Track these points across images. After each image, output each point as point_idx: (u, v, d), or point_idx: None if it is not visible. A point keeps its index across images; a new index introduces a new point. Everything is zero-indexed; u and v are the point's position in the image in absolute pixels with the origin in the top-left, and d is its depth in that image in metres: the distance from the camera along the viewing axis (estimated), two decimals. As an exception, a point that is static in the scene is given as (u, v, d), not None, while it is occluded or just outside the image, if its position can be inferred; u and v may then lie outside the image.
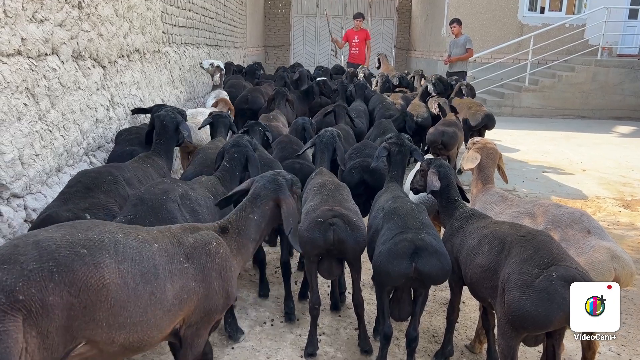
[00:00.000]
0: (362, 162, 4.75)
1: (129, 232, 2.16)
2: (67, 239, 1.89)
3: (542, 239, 2.85)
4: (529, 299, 2.61)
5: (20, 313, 1.67)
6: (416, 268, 3.04)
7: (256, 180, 2.88)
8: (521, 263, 2.74)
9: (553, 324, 2.61)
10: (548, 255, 2.71)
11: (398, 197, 3.66)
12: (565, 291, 2.56)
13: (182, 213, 3.11)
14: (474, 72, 15.46)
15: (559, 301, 2.56)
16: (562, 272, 2.60)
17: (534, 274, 2.65)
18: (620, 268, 2.93)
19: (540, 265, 2.67)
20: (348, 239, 3.35)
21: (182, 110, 4.24)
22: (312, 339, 3.66)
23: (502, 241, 2.96)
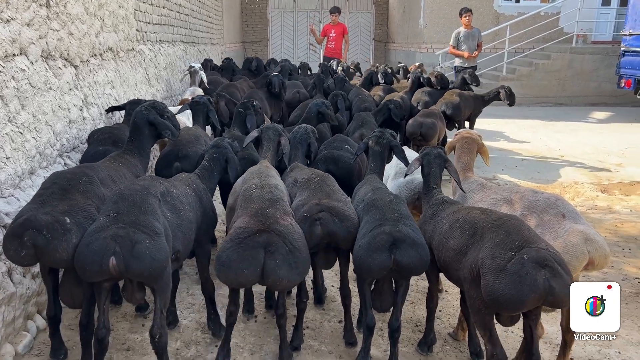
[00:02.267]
0: (327, 153, 4.76)
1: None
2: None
3: (513, 223, 2.90)
4: (502, 283, 2.66)
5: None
6: (395, 260, 3.05)
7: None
8: (494, 247, 2.80)
9: (526, 305, 2.66)
10: (519, 238, 2.75)
11: (377, 188, 3.65)
12: (536, 273, 2.61)
13: (162, 209, 3.06)
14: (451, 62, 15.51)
15: (530, 283, 2.60)
16: (533, 255, 2.66)
17: (507, 258, 2.70)
18: (594, 250, 2.96)
19: (512, 249, 2.72)
20: (338, 230, 3.33)
21: (160, 105, 4.09)
22: (298, 333, 3.65)
23: (474, 226, 3.02)
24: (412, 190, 4.20)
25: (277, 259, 2.94)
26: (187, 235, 3.27)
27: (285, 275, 2.95)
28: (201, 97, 5.52)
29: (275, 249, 2.96)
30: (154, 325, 2.92)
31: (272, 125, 4.41)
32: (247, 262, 2.93)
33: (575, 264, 2.93)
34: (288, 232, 3.08)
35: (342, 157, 4.69)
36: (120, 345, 3.64)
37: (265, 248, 2.96)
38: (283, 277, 2.95)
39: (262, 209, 3.19)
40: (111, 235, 2.70)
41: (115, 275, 2.74)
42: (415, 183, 4.22)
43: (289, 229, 3.12)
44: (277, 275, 2.94)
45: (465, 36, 11.36)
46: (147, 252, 2.71)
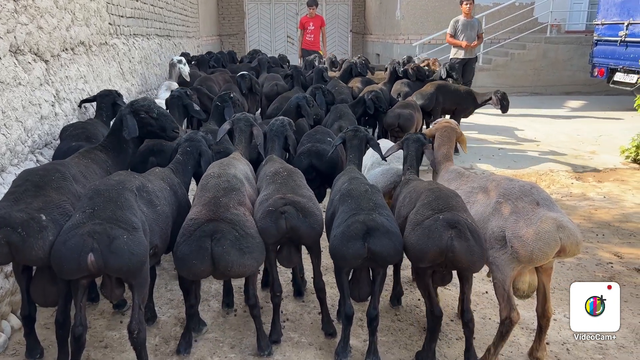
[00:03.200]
0: (311, 147, 4.75)
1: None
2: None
3: (446, 192, 3.28)
4: (414, 235, 3.07)
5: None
6: (369, 248, 3.07)
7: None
8: (420, 207, 3.21)
9: (428, 257, 3.01)
10: (444, 204, 3.12)
11: (354, 178, 3.67)
12: (445, 231, 2.93)
13: (139, 204, 3.03)
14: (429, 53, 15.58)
15: (436, 237, 2.94)
16: (448, 217, 2.99)
17: (426, 215, 3.09)
18: (566, 237, 2.98)
19: (434, 210, 3.09)
20: (301, 225, 3.32)
21: (141, 104, 3.96)
22: (276, 327, 3.64)
23: (417, 193, 3.42)
24: (388, 179, 4.23)
25: (224, 245, 2.95)
26: (164, 230, 3.24)
27: (236, 260, 2.96)
28: (178, 89, 5.46)
29: (222, 235, 2.98)
30: (132, 320, 2.90)
31: (244, 116, 4.36)
32: (195, 253, 2.95)
33: (547, 251, 2.98)
34: (239, 220, 3.10)
35: (325, 150, 4.68)
36: (98, 343, 3.61)
37: (211, 236, 2.97)
38: (233, 262, 2.96)
39: (215, 198, 3.20)
40: (88, 231, 2.67)
41: (94, 272, 2.71)
42: (392, 172, 4.24)
43: (240, 217, 3.13)
44: (226, 261, 2.94)
45: (464, 25, 10.72)
46: (126, 247, 2.68)
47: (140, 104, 3.94)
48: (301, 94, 6.37)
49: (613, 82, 11.96)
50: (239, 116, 4.38)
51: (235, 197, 3.30)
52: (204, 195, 3.29)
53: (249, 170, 4.03)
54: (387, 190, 4.19)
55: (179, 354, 3.50)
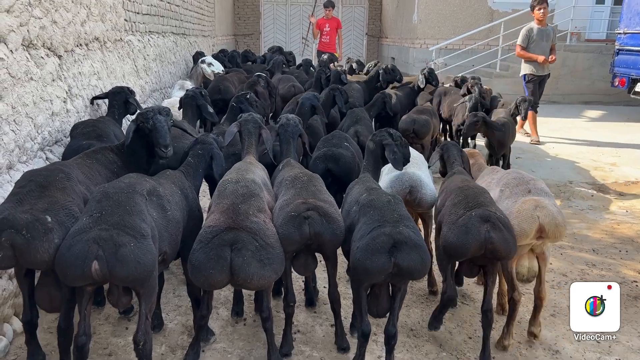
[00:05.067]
0: (327, 151, 4.58)
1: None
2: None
3: (474, 190, 3.53)
4: (452, 233, 3.28)
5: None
6: (396, 263, 2.91)
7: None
8: (452, 206, 3.46)
9: (470, 251, 3.22)
10: (474, 201, 3.37)
11: (372, 189, 3.50)
12: (480, 225, 3.18)
13: (148, 209, 2.89)
14: (446, 58, 15.42)
15: (474, 233, 3.17)
16: (480, 212, 3.25)
17: (459, 214, 3.32)
18: (544, 216, 3.33)
19: (465, 208, 3.33)
20: (325, 232, 3.17)
21: (148, 114, 3.71)
22: (287, 339, 3.50)
23: (449, 191, 3.67)
24: (403, 184, 4.06)
25: (245, 256, 2.81)
26: (173, 236, 3.11)
27: (256, 272, 2.82)
28: (193, 89, 5.34)
29: (243, 245, 2.83)
30: (138, 331, 2.76)
31: (251, 117, 4.18)
32: (213, 262, 2.81)
33: (525, 227, 3.37)
34: (259, 228, 2.96)
35: (342, 155, 4.51)
36: (102, 350, 3.48)
37: (231, 245, 2.83)
38: (253, 274, 2.82)
39: (234, 205, 3.05)
40: (94, 237, 2.53)
41: (98, 280, 2.58)
42: (406, 177, 4.08)
43: (260, 225, 2.99)
44: (246, 272, 2.80)
45: (539, 35, 9.24)
46: (132, 256, 2.54)
47: (142, 112, 3.76)
48: (310, 92, 6.20)
49: (634, 92, 11.69)
50: (247, 117, 4.19)
51: (254, 203, 3.15)
52: (222, 202, 3.14)
53: (265, 175, 3.89)
54: (403, 194, 4.03)
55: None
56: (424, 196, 4.07)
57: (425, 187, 4.09)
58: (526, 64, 9.58)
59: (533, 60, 9.29)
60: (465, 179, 3.88)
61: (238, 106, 5.25)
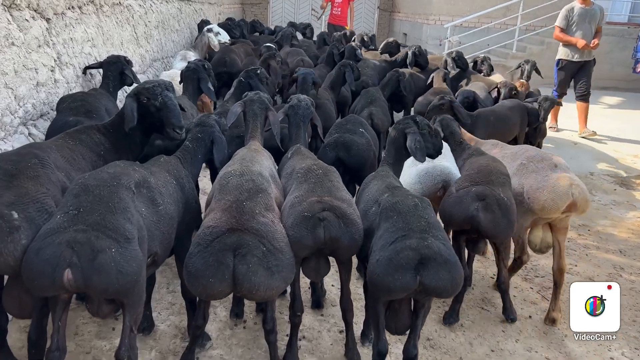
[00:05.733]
0: (339, 138, 4.13)
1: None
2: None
3: (491, 167, 3.54)
4: (446, 202, 3.46)
5: None
6: (422, 282, 2.50)
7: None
8: (461, 178, 3.57)
9: (454, 222, 3.43)
10: (482, 178, 3.40)
11: (395, 188, 3.07)
12: (472, 201, 3.27)
13: (136, 205, 2.47)
14: (460, 37, 14.80)
15: (465, 205, 3.29)
16: (478, 189, 3.31)
17: (463, 187, 3.40)
18: (578, 194, 3.47)
19: (471, 183, 3.40)
20: (342, 236, 2.77)
21: (147, 88, 3.25)
22: (292, 349, 3.13)
23: (473, 166, 3.65)
24: (434, 179, 3.64)
25: (251, 263, 2.42)
26: (166, 234, 2.70)
27: (263, 281, 2.44)
28: (195, 61, 4.87)
29: (248, 250, 2.44)
30: (121, 346, 2.37)
31: (258, 97, 3.72)
32: (213, 269, 2.42)
33: (559, 203, 3.47)
34: (267, 230, 2.56)
35: (355, 142, 4.07)
36: (84, 355, 3.10)
37: (234, 250, 2.44)
38: (259, 284, 2.44)
39: (238, 202, 2.64)
40: (67, 240, 2.11)
41: (72, 291, 2.17)
42: (438, 170, 3.65)
43: (269, 227, 2.60)
44: (251, 282, 2.42)
45: (580, 15, 8.34)
46: (113, 264, 2.13)
47: (145, 87, 3.27)
48: (308, 68, 5.74)
49: (657, 80, 11.15)
50: (252, 97, 3.72)
51: (261, 200, 2.74)
52: (224, 198, 2.72)
53: (272, 164, 3.45)
54: (432, 192, 3.61)
55: None
56: None
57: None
58: (563, 48, 8.72)
59: (572, 44, 8.41)
60: (495, 158, 3.82)
61: (247, 82, 4.78)
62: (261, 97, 3.70)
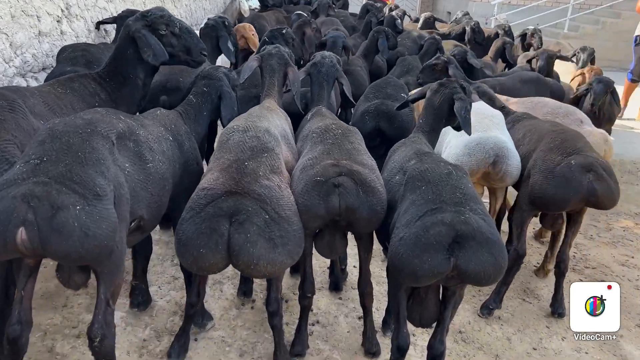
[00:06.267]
0: (380, 104, 3.66)
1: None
2: None
3: (572, 134, 3.30)
4: (551, 184, 3.04)
5: None
6: (457, 265, 2.05)
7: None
8: (547, 151, 3.17)
9: (570, 204, 3.05)
10: (573, 145, 3.15)
11: (424, 153, 2.60)
12: (582, 175, 2.95)
13: (116, 158, 2.10)
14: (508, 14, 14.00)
15: (576, 181, 2.95)
16: (579, 160, 3.00)
17: (557, 162, 3.07)
18: (609, 149, 3.77)
19: (564, 155, 3.09)
20: (361, 206, 2.35)
21: (157, 15, 2.96)
22: (301, 335, 2.76)
23: (540, 134, 3.36)
24: (486, 152, 3.13)
25: (249, 232, 2.06)
26: (155, 197, 2.33)
27: (263, 254, 2.08)
28: (214, 17, 4.48)
29: (246, 217, 2.08)
30: (95, 322, 2.03)
31: (277, 51, 3.30)
32: (205, 238, 2.07)
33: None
34: (271, 195, 2.19)
35: (399, 111, 3.58)
36: (70, 330, 2.79)
37: (231, 217, 2.07)
38: (259, 257, 2.07)
39: (238, 162, 2.28)
40: (24, 193, 1.74)
41: (28, 254, 1.82)
42: (492, 142, 3.15)
43: (273, 191, 2.22)
44: (249, 254, 2.06)
45: None
46: (77, 225, 1.76)
47: (157, 15, 2.94)
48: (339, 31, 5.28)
49: None
50: (271, 50, 3.31)
51: (267, 161, 2.35)
52: (223, 156, 2.35)
53: (287, 125, 3.03)
54: (482, 166, 3.13)
55: (169, 358, 2.65)
56: (510, 168, 3.19)
57: (512, 157, 3.21)
58: None
59: None
60: (555, 123, 3.63)
61: (270, 42, 4.37)
62: (280, 51, 3.28)
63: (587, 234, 4.49)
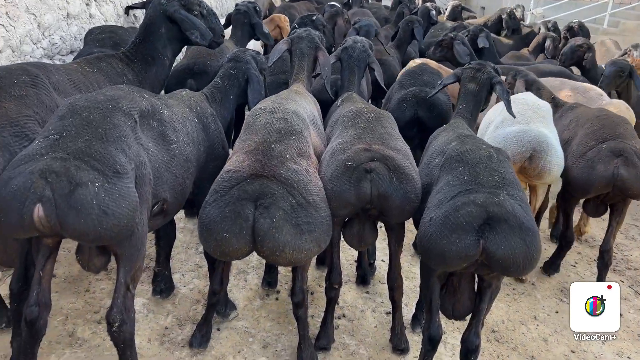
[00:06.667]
0: (418, 91, 3.51)
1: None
2: None
3: (614, 120, 3.26)
4: (577, 167, 3.06)
5: None
6: (485, 248, 1.94)
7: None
8: (584, 136, 3.19)
9: (594, 189, 3.02)
10: (610, 132, 3.11)
11: (466, 136, 2.48)
12: (609, 159, 2.95)
13: (139, 137, 2.02)
14: (545, 9, 13.64)
15: (602, 165, 2.94)
16: (611, 145, 3.00)
17: (589, 146, 3.08)
18: (630, 118, 3.73)
19: (598, 140, 3.09)
20: (394, 193, 2.24)
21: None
22: (327, 328, 2.65)
23: (585, 119, 3.34)
24: (522, 145, 2.97)
25: (275, 216, 1.97)
26: (179, 179, 2.25)
27: (289, 241, 1.99)
28: (245, 2, 4.40)
29: (272, 201, 1.99)
30: (113, 307, 1.97)
31: (307, 34, 3.20)
32: (229, 222, 1.98)
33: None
34: (299, 179, 2.09)
35: (438, 99, 3.46)
36: (91, 315, 2.74)
37: (256, 200, 1.99)
38: (285, 243, 1.98)
39: (265, 144, 2.18)
40: (42, 169, 1.68)
41: (47, 233, 1.75)
42: (530, 135, 2.99)
43: (301, 176, 2.12)
44: (275, 240, 1.97)
45: None
46: (95, 202, 1.68)
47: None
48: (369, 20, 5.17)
49: None
50: (301, 33, 3.20)
51: (294, 144, 2.25)
52: (249, 138, 2.26)
53: (316, 109, 2.92)
54: (517, 160, 2.97)
55: (191, 347, 2.58)
56: (549, 165, 3.02)
57: (553, 153, 3.03)
58: None
59: None
60: (603, 109, 3.55)
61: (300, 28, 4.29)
62: (311, 34, 3.18)
63: (628, 234, 4.28)
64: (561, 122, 3.57)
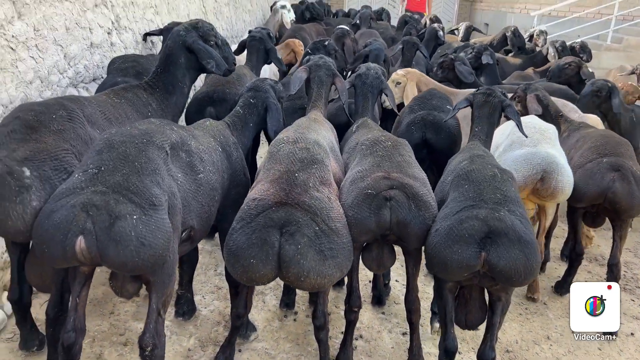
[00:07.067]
0: (426, 115, 3.61)
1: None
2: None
3: (617, 139, 3.47)
4: (575, 176, 3.18)
5: None
6: (487, 260, 2.09)
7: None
8: (586, 150, 3.38)
9: (587, 197, 3.18)
10: (611, 149, 3.29)
11: (476, 156, 2.62)
12: (607, 172, 3.12)
13: (170, 169, 2.12)
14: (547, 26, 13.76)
15: (599, 177, 3.13)
16: (611, 160, 3.18)
17: (590, 159, 3.28)
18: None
19: (599, 155, 3.28)
20: (412, 220, 2.32)
21: (205, 26, 3.09)
22: (346, 350, 2.72)
23: (589, 137, 3.51)
24: (533, 168, 3.07)
25: (300, 243, 2.05)
26: (205, 207, 2.34)
27: (313, 267, 2.07)
28: (259, 29, 4.53)
29: (297, 229, 2.07)
30: (146, 331, 2.05)
31: (324, 62, 3.30)
32: (256, 248, 2.06)
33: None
34: (321, 207, 2.17)
35: (446, 122, 3.52)
36: (117, 337, 2.82)
37: (282, 228, 2.07)
38: (309, 269, 2.06)
39: (289, 173, 2.27)
40: (83, 202, 1.78)
41: (86, 263, 1.85)
42: (539, 157, 3.09)
43: (324, 203, 2.20)
44: (300, 266, 2.05)
45: None
46: (134, 234, 1.78)
47: (208, 27, 3.07)
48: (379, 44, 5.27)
49: None
50: (318, 61, 3.31)
51: (317, 172, 2.34)
52: (273, 167, 2.35)
53: (334, 137, 3.03)
54: (529, 182, 3.07)
55: None
56: (560, 184, 3.10)
57: (563, 173, 3.11)
58: None
59: None
60: (609, 131, 3.77)
61: (313, 53, 4.40)
62: (327, 62, 3.29)
63: (637, 253, 4.34)
64: (568, 141, 3.69)
